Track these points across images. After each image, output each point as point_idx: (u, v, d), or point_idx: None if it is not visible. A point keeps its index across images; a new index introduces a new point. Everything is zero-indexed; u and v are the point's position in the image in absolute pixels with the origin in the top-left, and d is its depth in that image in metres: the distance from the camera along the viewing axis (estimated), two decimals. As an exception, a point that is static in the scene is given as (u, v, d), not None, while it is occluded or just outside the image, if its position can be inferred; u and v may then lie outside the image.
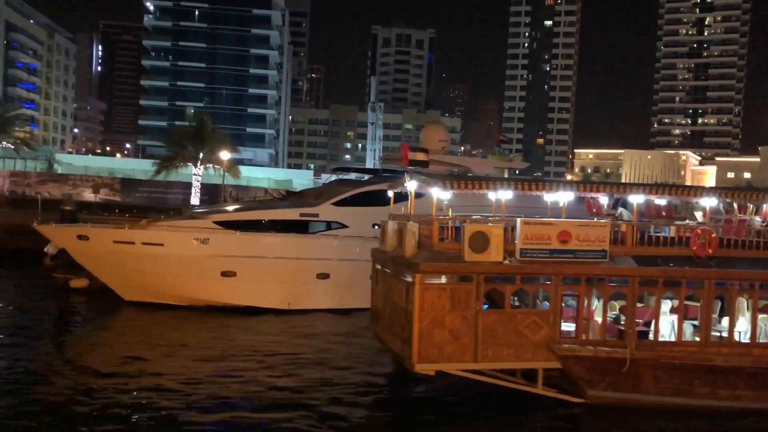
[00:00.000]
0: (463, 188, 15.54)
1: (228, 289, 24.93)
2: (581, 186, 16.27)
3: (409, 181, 16.79)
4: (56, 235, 24.53)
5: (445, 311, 14.78)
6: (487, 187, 15.70)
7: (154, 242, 23.95)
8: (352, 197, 27.07)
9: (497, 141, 37.73)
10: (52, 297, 26.84)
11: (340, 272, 26.13)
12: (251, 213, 25.77)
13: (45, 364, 17.93)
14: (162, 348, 19.89)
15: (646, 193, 15.87)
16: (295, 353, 20.01)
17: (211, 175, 53.52)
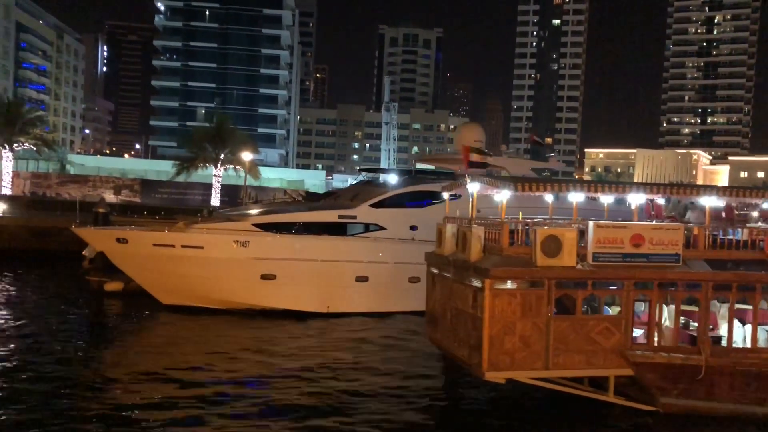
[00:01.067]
0: (534, 190, 15.16)
1: (267, 292, 24.56)
2: (652, 188, 15.84)
3: (471, 182, 16.34)
4: (95, 238, 24.18)
5: (516, 318, 14.39)
6: (559, 190, 15.29)
7: (194, 245, 23.60)
8: (390, 199, 26.71)
9: (532, 140, 37.28)
10: (87, 300, 26.50)
11: (379, 275, 25.76)
12: (290, 215, 25.39)
13: (95, 370, 17.58)
14: (216, 352, 19.59)
15: (719, 195, 15.47)
16: (348, 357, 19.68)
17: (229, 176, 53.26)
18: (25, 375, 16.68)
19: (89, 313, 25.16)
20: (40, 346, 19.52)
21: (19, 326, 21.68)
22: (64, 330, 21.94)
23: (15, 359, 18.06)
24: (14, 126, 45.64)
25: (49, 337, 20.56)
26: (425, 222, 26.76)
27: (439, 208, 27.38)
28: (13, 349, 19.01)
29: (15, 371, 16.96)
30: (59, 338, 20.74)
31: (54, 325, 22.20)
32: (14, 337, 20.26)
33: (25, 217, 40.38)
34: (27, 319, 22.76)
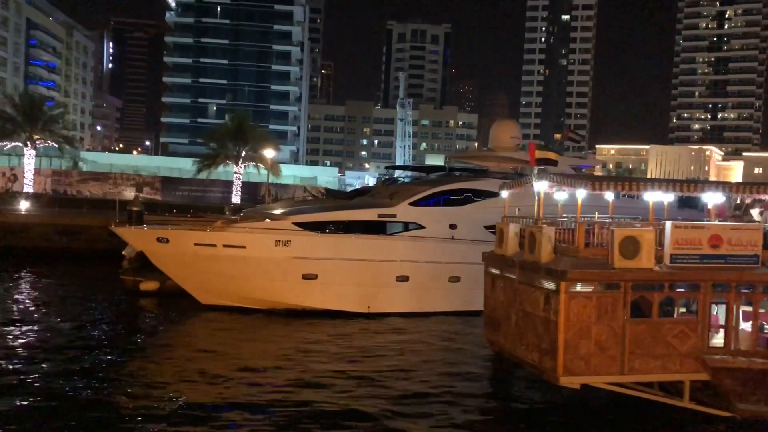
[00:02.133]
0: (613, 189, 14.71)
1: (309, 292, 24.21)
2: (737, 187, 15.40)
3: (538, 181, 15.91)
4: (135, 238, 23.83)
5: (591, 321, 13.99)
6: (638, 189, 14.86)
7: (236, 244, 23.24)
8: (429, 197, 26.29)
9: (567, 136, 36.78)
10: (124, 300, 26.19)
11: (420, 275, 25.38)
12: (330, 214, 24.99)
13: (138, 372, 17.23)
14: (273, 353, 19.32)
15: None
16: (403, 359, 19.33)
17: (248, 173, 52.92)
18: (65, 376, 16.45)
19: (128, 312, 24.84)
20: (78, 346, 19.25)
21: (56, 327, 21.43)
22: (102, 330, 21.70)
23: (54, 359, 17.80)
24: (36, 124, 45.30)
25: (87, 338, 20.35)
26: (465, 220, 26.41)
27: (479, 206, 27.04)
28: (52, 349, 18.72)
29: (54, 372, 16.72)
30: (98, 339, 20.55)
31: (92, 326, 21.97)
32: (52, 337, 19.99)
33: (49, 214, 40.05)
34: (64, 319, 22.50)
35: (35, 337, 20.12)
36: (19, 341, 19.56)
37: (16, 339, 19.79)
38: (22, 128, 45.21)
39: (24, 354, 18.29)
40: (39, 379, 16.21)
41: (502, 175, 28.60)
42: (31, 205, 42.60)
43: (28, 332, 20.62)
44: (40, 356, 18.06)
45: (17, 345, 19.13)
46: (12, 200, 43.05)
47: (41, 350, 18.67)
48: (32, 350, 18.66)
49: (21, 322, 21.83)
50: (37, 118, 45.35)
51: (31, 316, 22.83)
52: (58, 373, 16.65)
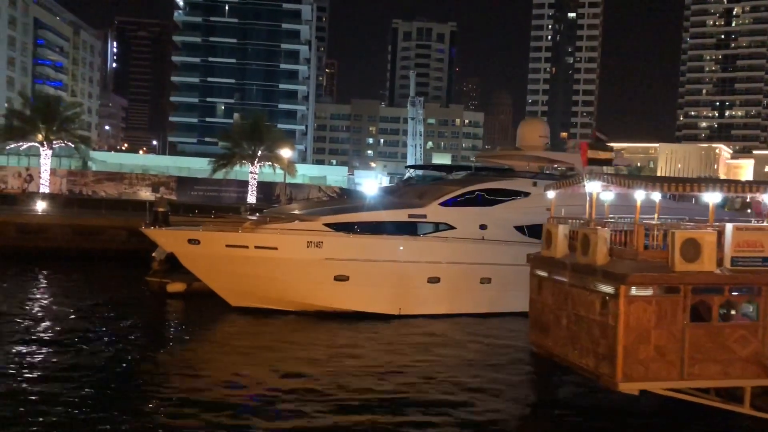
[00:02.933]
0: (673, 190, 14.41)
1: (340, 293, 23.93)
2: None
3: (590, 181, 15.59)
4: (165, 239, 23.55)
5: (651, 326, 13.68)
6: (699, 190, 14.54)
7: (268, 246, 22.96)
8: (459, 197, 25.99)
9: (594, 136, 36.31)
10: (152, 301, 25.97)
11: (451, 276, 25.09)
12: (360, 215, 24.69)
13: (185, 373, 16.97)
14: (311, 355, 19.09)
15: None
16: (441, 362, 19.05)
17: (263, 173, 52.66)
18: (98, 378, 16.26)
19: (156, 314, 24.67)
20: (108, 348, 19.07)
21: (85, 328, 21.21)
22: (132, 332, 21.56)
23: (83, 362, 17.60)
24: (52, 124, 45.07)
25: (116, 340, 20.15)
26: (495, 221, 26.11)
27: (509, 206, 26.74)
28: (82, 352, 18.50)
29: (85, 374, 16.50)
30: (127, 340, 20.39)
31: (120, 327, 21.80)
32: (82, 340, 19.74)
33: (68, 215, 39.79)
34: (92, 321, 22.33)
35: (64, 338, 19.91)
36: (48, 343, 19.38)
37: (45, 341, 19.62)
38: (38, 128, 44.99)
39: (54, 356, 18.11)
40: (71, 378, 16.08)
41: (531, 174, 28.30)
42: (48, 205, 42.38)
43: (56, 334, 20.42)
44: (70, 358, 17.90)
45: (47, 346, 18.93)
46: (29, 201, 42.83)
47: (71, 352, 18.48)
48: (62, 352, 18.47)
49: (49, 323, 21.64)
50: (53, 118, 45.13)
51: (59, 317, 22.60)
52: (90, 374, 16.52)
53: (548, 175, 28.89)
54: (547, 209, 27.08)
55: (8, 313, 22.91)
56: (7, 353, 18.15)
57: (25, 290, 27.66)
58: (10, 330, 20.60)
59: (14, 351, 18.36)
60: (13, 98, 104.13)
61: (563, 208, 25.27)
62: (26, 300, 25.54)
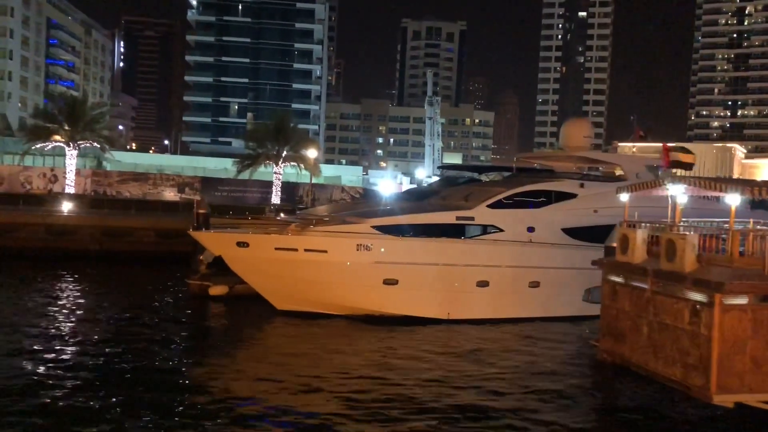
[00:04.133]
0: (765, 195, 13.87)
1: (389, 297, 23.47)
2: None
3: (673, 184, 15.08)
4: (214, 243, 23.13)
5: (747, 335, 13.18)
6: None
7: (318, 249, 22.51)
8: (507, 199, 25.48)
9: (638, 135, 35.97)
10: (194, 304, 25.55)
11: (500, 280, 24.61)
12: (408, 217, 24.21)
13: (234, 377, 16.54)
14: (362, 360, 18.62)
15: None
16: (503, 369, 18.54)
17: (287, 173, 52.23)
18: (146, 383, 15.95)
19: (202, 317, 24.28)
20: (154, 353, 18.69)
21: (130, 332, 20.86)
22: (177, 335, 21.23)
23: (130, 364, 17.31)
24: (78, 124, 44.73)
25: (161, 344, 19.80)
26: (543, 223, 25.63)
27: (556, 208, 26.23)
28: (127, 356, 18.13)
29: (132, 379, 16.21)
30: (173, 344, 20.06)
31: (164, 330, 21.46)
32: (127, 344, 19.38)
33: (93, 215, 39.42)
34: (136, 324, 21.95)
35: (107, 341, 19.59)
36: (93, 345, 19.04)
37: (90, 343, 19.29)
38: (64, 128, 44.66)
39: (99, 359, 17.77)
40: (115, 381, 15.86)
41: (578, 175, 27.81)
42: (75, 206, 42.02)
43: (99, 337, 20.08)
44: (115, 361, 17.56)
45: (91, 350, 18.56)
46: (55, 201, 42.49)
47: (115, 355, 18.14)
48: (107, 355, 18.12)
49: (92, 326, 21.33)
50: (79, 118, 44.77)
51: (101, 320, 22.27)
52: (137, 376, 16.30)
53: (596, 177, 28.38)
54: (595, 211, 26.85)
55: (48, 314, 22.66)
56: (49, 355, 17.88)
57: (62, 292, 27.31)
58: (52, 333, 20.33)
59: (56, 354, 18.08)
60: (27, 97, 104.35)
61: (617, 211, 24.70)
62: (65, 302, 25.21)
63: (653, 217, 18.38)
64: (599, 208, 26.69)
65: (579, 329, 24.68)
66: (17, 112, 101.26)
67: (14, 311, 22.83)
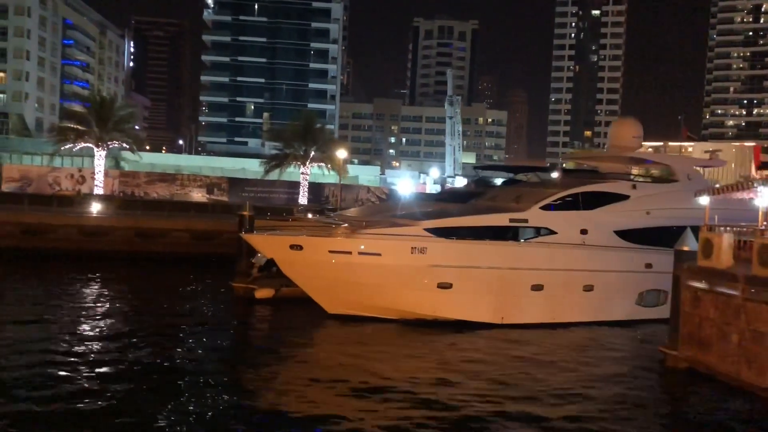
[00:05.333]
0: None
1: (443, 301, 23.00)
2: None
3: (766, 186, 14.53)
4: (267, 245, 22.70)
5: None
6: None
7: (372, 252, 22.06)
8: (559, 200, 24.95)
9: (685, 136, 35.38)
10: (241, 307, 25.18)
11: (554, 283, 24.09)
12: (460, 219, 23.70)
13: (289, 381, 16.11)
14: (419, 365, 18.14)
15: None
16: (569, 377, 18.04)
17: (313, 173, 51.81)
18: (195, 388, 15.65)
19: (251, 320, 23.99)
20: (206, 359, 18.32)
21: (177, 338, 20.55)
22: (227, 339, 21.01)
23: (177, 372, 16.90)
24: (107, 124, 44.46)
25: (210, 348, 19.52)
26: (595, 225, 25.10)
27: (609, 210, 25.69)
28: (174, 361, 17.76)
29: (180, 384, 15.86)
30: (225, 350, 19.80)
31: (213, 334, 21.18)
32: (174, 349, 19.07)
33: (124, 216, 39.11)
34: (181, 327, 21.61)
35: (154, 345, 19.29)
36: (139, 350, 18.72)
37: (135, 348, 18.96)
38: (93, 129, 44.42)
39: (146, 364, 17.48)
40: (162, 386, 15.61)
41: (630, 176, 27.27)
42: (105, 207, 41.72)
43: (145, 341, 19.75)
44: (164, 366, 17.24)
45: (137, 355, 18.28)
46: (84, 202, 42.22)
47: (164, 359, 17.84)
48: (154, 360, 17.82)
49: (136, 330, 20.99)
50: (107, 118, 44.50)
51: (146, 324, 21.93)
52: (185, 381, 16.00)
53: (649, 178, 27.81)
54: (648, 213, 26.29)
55: (94, 316, 22.42)
56: (94, 358, 17.64)
57: (102, 294, 27.04)
58: (98, 335, 20.14)
59: (101, 356, 17.86)
60: (44, 98, 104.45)
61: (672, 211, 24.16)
62: (107, 304, 24.98)
63: (728, 221, 17.84)
64: (652, 209, 26.16)
65: (634, 333, 24.20)
66: (34, 113, 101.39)
67: (54, 313, 22.53)
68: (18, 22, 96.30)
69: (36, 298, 24.92)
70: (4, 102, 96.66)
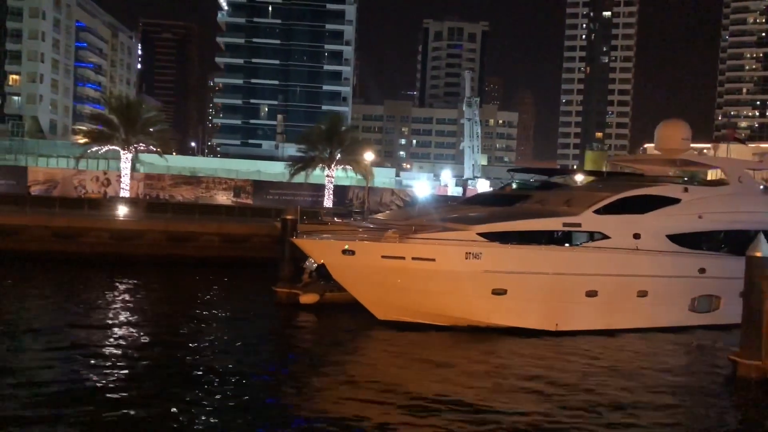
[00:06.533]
0: None
1: (497, 308, 22.43)
2: None
3: None
4: (318, 250, 22.19)
5: None
6: None
7: (426, 257, 21.52)
8: (613, 204, 24.38)
9: (732, 137, 34.83)
10: (285, 313, 24.68)
11: (608, 289, 23.49)
12: (513, 223, 23.13)
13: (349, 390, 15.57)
14: (484, 373, 17.57)
15: None
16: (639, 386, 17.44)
17: (337, 176, 51.43)
18: (241, 397, 15.13)
19: (299, 326, 23.44)
20: (253, 367, 17.72)
21: (222, 344, 19.98)
22: (276, 347, 20.54)
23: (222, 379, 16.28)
24: (134, 127, 44.13)
25: (260, 357, 18.94)
26: (648, 229, 24.52)
27: (661, 214, 25.12)
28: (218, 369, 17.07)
29: (226, 394, 15.30)
30: (273, 358, 19.22)
31: (259, 342, 20.61)
32: (217, 356, 18.50)
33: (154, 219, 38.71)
34: (228, 334, 21.06)
35: (197, 352, 18.79)
36: (182, 357, 18.13)
37: (178, 354, 18.43)
38: (119, 132, 44.10)
39: (190, 371, 16.92)
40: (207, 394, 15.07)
41: (681, 180, 26.70)
42: (133, 210, 41.37)
43: (188, 347, 19.22)
44: (209, 377, 16.53)
45: (181, 361, 17.73)
46: (111, 205, 41.88)
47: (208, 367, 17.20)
48: (198, 367, 17.20)
49: (177, 335, 20.54)
50: (134, 121, 44.17)
51: (187, 329, 21.46)
52: (232, 391, 15.45)
53: (700, 181, 27.23)
54: (700, 217, 25.72)
55: (133, 322, 21.99)
56: (137, 362, 17.24)
57: (139, 298, 26.58)
58: (140, 340, 19.67)
59: (144, 361, 17.44)
60: (57, 100, 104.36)
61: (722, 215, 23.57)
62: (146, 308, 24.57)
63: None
64: (704, 213, 25.59)
65: (689, 340, 23.62)
66: (48, 115, 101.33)
67: (92, 317, 22.10)
68: (33, 25, 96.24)
69: (71, 303, 24.45)
70: (19, 104, 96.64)
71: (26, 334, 19.48)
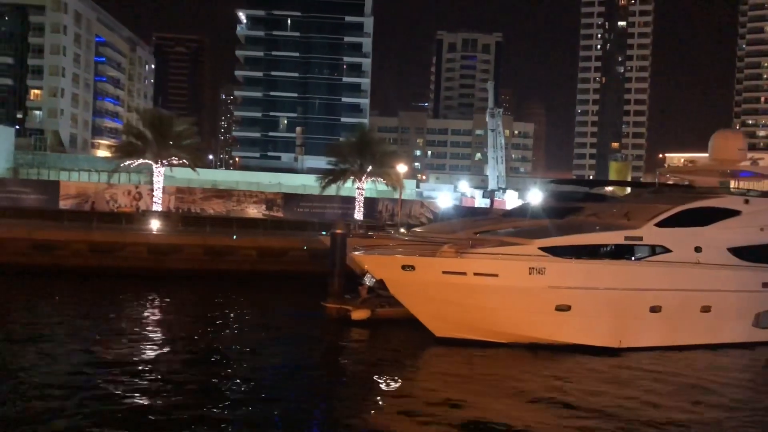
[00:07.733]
0: None
1: (560, 324, 21.78)
2: None
3: None
4: (377, 265, 21.68)
5: None
6: None
7: (488, 272, 20.94)
8: (674, 217, 23.72)
9: None
10: (337, 329, 24.12)
11: (672, 304, 22.79)
12: (575, 237, 22.53)
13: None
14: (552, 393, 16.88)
15: None
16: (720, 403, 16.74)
17: (366, 188, 51.02)
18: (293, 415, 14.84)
19: (354, 344, 22.92)
20: (306, 385, 17.40)
21: (277, 358, 19.69)
22: (330, 365, 20.11)
23: (271, 397, 15.95)
24: (167, 141, 43.97)
25: (313, 376, 18.55)
26: (709, 243, 23.83)
27: (722, 226, 24.45)
28: (269, 387, 16.78)
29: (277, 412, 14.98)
30: (330, 377, 18.79)
31: (311, 360, 20.31)
32: (269, 373, 18.18)
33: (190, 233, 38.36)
34: (282, 351, 20.70)
35: (247, 369, 18.51)
36: (232, 376, 17.75)
37: (226, 372, 18.09)
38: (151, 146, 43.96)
39: (239, 388, 16.65)
40: (256, 413, 14.81)
41: (741, 192, 26.03)
42: (165, 224, 41.08)
43: (238, 365, 18.97)
44: (261, 398, 16.17)
45: (231, 380, 17.33)
46: (144, 219, 41.63)
47: (258, 385, 16.93)
48: (250, 387, 16.87)
49: (226, 353, 20.16)
50: (167, 135, 44.02)
51: (237, 347, 21.06)
52: (284, 408, 15.24)
53: (757, 192, 26.53)
54: (762, 229, 25.02)
55: (181, 337, 21.79)
56: (181, 378, 16.92)
57: (186, 313, 26.21)
58: (187, 355, 19.51)
59: (189, 378, 17.15)
60: (77, 115, 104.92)
61: None
62: (194, 324, 24.22)
63: None
64: (766, 226, 24.91)
65: (755, 356, 22.88)
66: (68, 129, 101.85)
67: (136, 333, 21.81)
68: (54, 40, 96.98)
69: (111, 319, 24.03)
70: (40, 119, 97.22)
71: (65, 346, 19.54)
